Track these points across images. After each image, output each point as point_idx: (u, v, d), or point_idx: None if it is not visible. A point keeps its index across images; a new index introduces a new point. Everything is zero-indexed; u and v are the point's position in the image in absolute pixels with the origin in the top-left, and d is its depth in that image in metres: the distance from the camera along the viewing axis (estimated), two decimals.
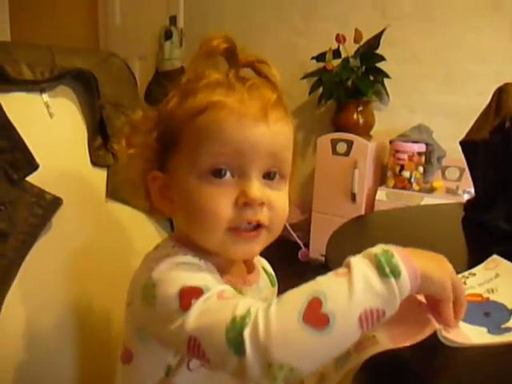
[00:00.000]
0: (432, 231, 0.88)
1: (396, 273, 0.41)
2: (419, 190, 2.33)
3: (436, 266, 0.45)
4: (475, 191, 0.94)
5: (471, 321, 0.50)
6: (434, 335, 0.44)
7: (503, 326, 0.49)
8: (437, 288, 0.44)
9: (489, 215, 0.83)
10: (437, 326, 0.44)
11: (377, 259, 0.42)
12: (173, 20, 3.04)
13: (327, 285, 0.43)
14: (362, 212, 2.39)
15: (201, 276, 0.48)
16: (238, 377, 0.43)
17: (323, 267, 0.62)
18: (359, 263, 0.43)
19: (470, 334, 0.47)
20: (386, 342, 0.46)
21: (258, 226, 0.52)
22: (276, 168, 0.53)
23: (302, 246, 2.64)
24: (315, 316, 0.40)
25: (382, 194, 2.38)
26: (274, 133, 0.51)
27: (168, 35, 2.97)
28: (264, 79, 0.54)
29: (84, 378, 0.69)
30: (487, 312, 0.52)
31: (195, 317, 0.44)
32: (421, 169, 2.36)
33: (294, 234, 2.60)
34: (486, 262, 0.64)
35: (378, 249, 0.44)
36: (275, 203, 0.52)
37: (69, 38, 3.23)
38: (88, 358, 0.70)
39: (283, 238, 0.56)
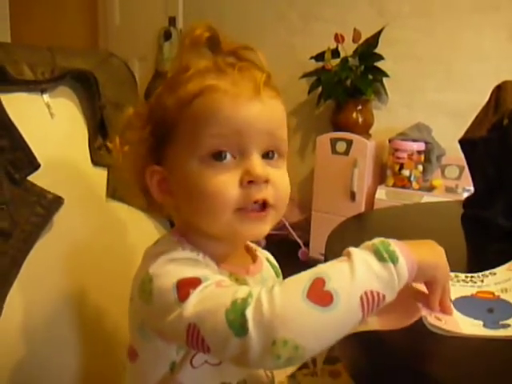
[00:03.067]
0: (431, 228, 0.88)
1: (394, 259, 0.43)
2: (419, 189, 2.33)
3: (430, 251, 0.47)
4: (474, 188, 0.94)
5: (470, 314, 0.50)
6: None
7: (502, 322, 0.50)
8: (432, 272, 0.46)
9: (488, 212, 0.84)
10: (423, 312, 0.45)
11: (375, 247, 0.44)
12: (172, 21, 3.04)
13: (329, 267, 0.44)
14: (362, 211, 2.39)
15: (198, 268, 0.49)
16: (238, 362, 0.43)
17: None
18: (358, 251, 0.45)
19: (462, 325, 0.48)
20: (374, 323, 0.46)
21: (265, 206, 0.52)
22: (274, 147, 0.53)
23: (301, 245, 2.64)
24: (319, 293, 0.41)
25: (381, 192, 2.38)
26: (268, 111, 0.52)
27: (167, 36, 2.98)
28: (250, 63, 0.54)
29: (86, 376, 0.70)
30: (491, 308, 0.53)
31: (193, 304, 0.44)
32: (420, 167, 2.36)
33: (294, 234, 2.61)
34: (510, 262, 0.63)
35: (375, 240, 0.45)
36: (278, 181, 0.53)
37: (68, 39, 3.24)
38: (91, 356, 0.70)
39: (283, 237, 0.56)
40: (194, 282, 0.45)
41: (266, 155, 0.52)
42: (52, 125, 0.75)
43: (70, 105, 0.78)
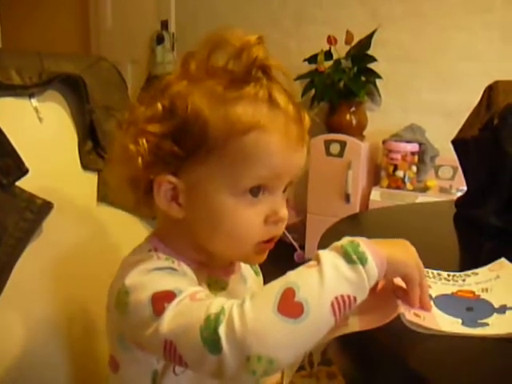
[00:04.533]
0: (424, 228, 0.88)
1: (363, 260, 0.43)
2: (413, 190, 2.34)
3: (400, 249, 0.47)
4: (467, 188, 0.94)
5: (449, 312, 0.50)
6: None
7: (480, 321, 0.50)
8: (404, 269, 0.46)
9: (479, 211, 0.84)
10: (401, 309, 0.45)
11: (343, 249, 0.44)
12: (164, 24, 3.04)
13: (299, 276, 0.44)
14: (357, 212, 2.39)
15: (173, 280, 0.48)
16: (216, 377, 0.43)
17: None
18: (328, 254, 0.44)
19: (440, 322, 0.48)
20: (355, 324, 0.46)
21: (274, 237, 0.54)
22: (291, 183, 0.55)
23: (297, 247, 2.64)
24: (289, 305, 0.41)
25: (376, 194, 2.39)
26: (304, 155, 0.54)
27: (160, 39, 2.97)
28: (282, 88, 0.52)
29: None
30: (470, 307, 0.53)
31: (169, 320, 0.44)
32: (414, 168, 2.37)
33: (290, 236, 2.60)
34: (493, 263, 0.64)
35: (343, 241, 0.45)
36: (286, 218, 0.54)
37: (60, 43, 3.23)
38: (78, 364, 0.69)
39: (278, 239, 0.57)
40: (169, 296, 0.45)
41: (283, 189, 0.54)
42: (41, 129, 0.74)
43: (58, 109, 0.78)
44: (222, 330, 0.41)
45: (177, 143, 0.49)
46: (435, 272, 0.60)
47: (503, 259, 0.64)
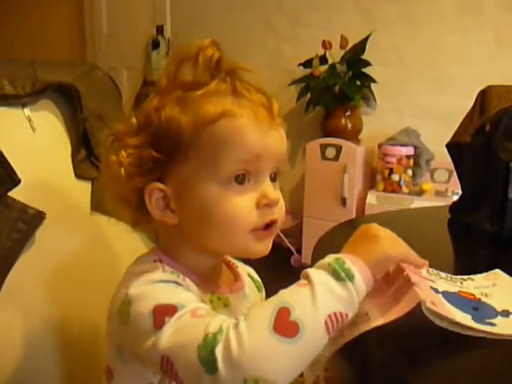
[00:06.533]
0: (419, 234, 0.88)
1: (350, 276, 0.44)
2: (409, 193, 2.34)
3: (375, 246, 0.48)
4: (462, 193, 0.94)
5: (457, 306, 0.51)
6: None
7: (488, 320, 0.50)
8: (388, 263, 0.49)
9: (473, 217, 0.84)
10: (422, 297, 0.45)
11: (331, 267, 0.45)
12: (160, 29, 3.05)
13: (291, 295, 0.44)
14: (353, 216, 2.40)
15: (176, 293, 0.48)
16: None
17: None
18: (317, 273, 0.45)
19: (455, 314, 0.48)
20: (377, 317, 0.47)
21: (272, 223, 0.54)
22: (277, 169, 0.56)
23: (294, 251, 2.64)
24: (285, 324, 0.41)
25: (372, 197, 2.39)
26: (281, 137, 0.55)
27: (155, 45, 2.98)
28: (252, 86, 0.55)
29: None
30: (476, 307, 0.53)
31: (168, 335, 0.44)
32: (410, 172, 2.37)
33: (286, 240, 2.60)
34: (487, 273, 0.64)
35: (329, 258, 0.46)
36: (281, 201, 0.55)
37: (56, 49, 3.23)
38: (73, 374, 0.69)
39: (275, 244, 0.57)
40: (170, 310, 0.45)
41: (271, 176, 0.55)
42: (34, 139, 0.74)
43: (51, 118, 0.78)
44: (218, 351, 0.41)
45: (156, 149, 0.52)
46: (435, 271, 0.61)
47: (497, 270, 0.64)
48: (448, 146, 0.95)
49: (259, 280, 0.68)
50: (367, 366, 0.51)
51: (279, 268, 2.75)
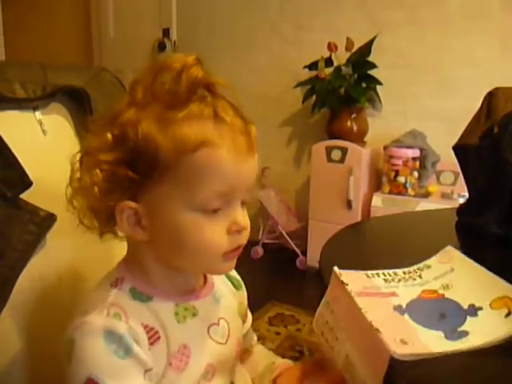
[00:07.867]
0: (426, 236, 0.89)
1: None
2: (414, 195, 2.34)
3: None
4: (468, 195, 0.94)
5: (427, 324, 0.50)
6: None
7: (459, 329, 0.49)
8: None
9: (481, 219, 0.84)
10: (390, 349, 0.43)
11: None
12: (166, 32, 3.06)
13: None
14: (359, 218, 2.40)
15: (113, 370, 0.48)
16: None
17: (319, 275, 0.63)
18: None
19: (427, 342, 0.47)
20: (372, 379, 0.46)
21: (239, 246, 0.56)
22: (247, 197, 0.56)
23: (299, 253, 2.64)
24: None
25: (377, 199, 2.39)
26: (255, 165, 0.55)
27: (161, 47, 2.99)
28: (228, 103, 0.54)
29: None
30: (442, 313, 0.52)
31: None
32: (415, 174, 2.37)
33: (292, 242, 2.61)
34: (440, 252, 0.64)
35: None
36: (249, 225, 0.56)
37: (63, 52, 3.25)
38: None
39: (280, 246, 0.58)
40: None
41: (241, 203, 0.56)
42: (45, 142, 0.75)
43: (62, 121, 0.79)
44: None
45: (131, 168, 0.51)
46: (391, 272, 0.60)
47: (449, 247, 0.64)
48: (454, 148, 0.95)
49: (238, 277, 0.69)
50: None
51: (285, 270, 2.76)
